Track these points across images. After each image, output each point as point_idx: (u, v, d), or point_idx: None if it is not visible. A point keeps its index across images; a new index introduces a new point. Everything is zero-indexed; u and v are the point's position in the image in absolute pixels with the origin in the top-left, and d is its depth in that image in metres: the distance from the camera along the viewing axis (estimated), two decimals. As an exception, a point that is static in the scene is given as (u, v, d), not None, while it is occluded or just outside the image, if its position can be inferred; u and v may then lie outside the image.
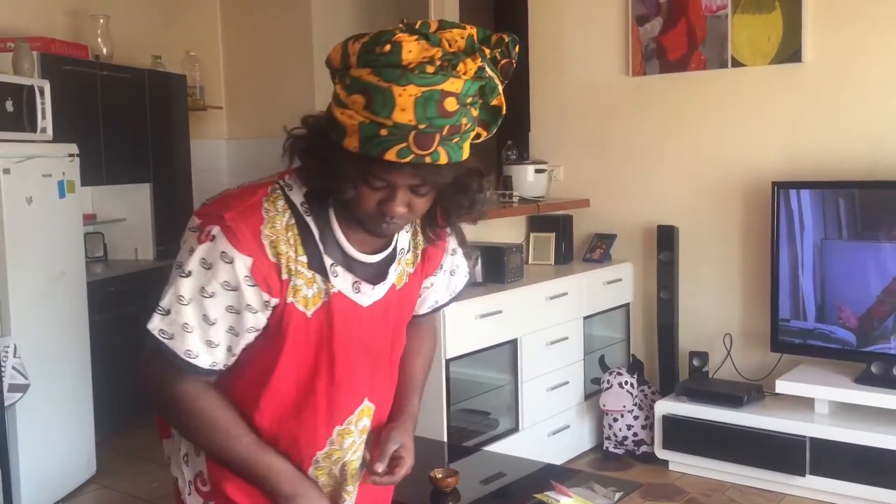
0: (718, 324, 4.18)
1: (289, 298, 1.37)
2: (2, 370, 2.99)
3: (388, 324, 1.52)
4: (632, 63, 4.33)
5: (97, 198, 4.75)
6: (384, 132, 1.22)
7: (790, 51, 3.90)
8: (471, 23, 1.39)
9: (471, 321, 3.47)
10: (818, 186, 3.74)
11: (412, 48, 1.21)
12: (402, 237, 1.50)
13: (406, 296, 1.54)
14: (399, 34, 1.22)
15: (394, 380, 1.60)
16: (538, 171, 4.48)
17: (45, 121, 3.74)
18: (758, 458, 3.63)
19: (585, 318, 4.13)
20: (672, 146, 4.30)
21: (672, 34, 4.20)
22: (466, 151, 1.32)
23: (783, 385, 3.67)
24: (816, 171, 3.84)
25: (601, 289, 4.23)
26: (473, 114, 1.29)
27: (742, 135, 4.10)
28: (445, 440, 3.34)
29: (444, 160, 1.27)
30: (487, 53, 1.29)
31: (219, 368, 1.38)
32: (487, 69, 1.28)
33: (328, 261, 1.39)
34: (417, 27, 1.25)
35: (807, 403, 3.64)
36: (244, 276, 1.33)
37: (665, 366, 4.21)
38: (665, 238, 4.20)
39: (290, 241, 1.36)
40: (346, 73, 1.26)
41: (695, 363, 4.05)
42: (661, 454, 3.90)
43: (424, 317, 1.69)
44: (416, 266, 1.54)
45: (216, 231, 1.33)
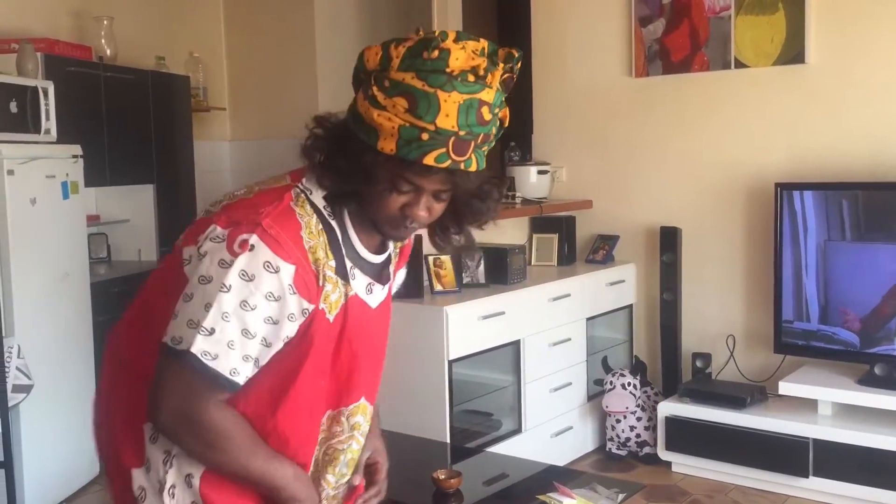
0: (721, 325, 4.17)
1: (321, 304, 1.34)
2: (5, 371, 3.00)
3: (385, 324, 1.54)
4: (635, 64, 4.33)
5: (101, 199, 4.75)
6: (426, 136, 1.24)
7: (793, 52, 3.90)
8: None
9: (474, 322, 3.47)
10: (822, 188, 3.73)
11: (459, 56, 1.24)
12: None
13: (390, 295, 1.57)
14: (446, 41, 1.24)
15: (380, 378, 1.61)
16: (541, 173, 4.48)
17: (49, 122, 3.75)
18: (761, 460, 3.63)
19: (588, 320, 4.13)
20: (675, 147, 4.29)
21: (675, 35, 4.20)
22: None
23: (786, 386, 3.66)
24: (820, 173, 3.83)
25: (604, 290, 4.23)
26: (497, 123, 1.33)
27: (745, 136, 4.10)
28: (448, 441, 3.34)
29: (474, 168, 1.30)
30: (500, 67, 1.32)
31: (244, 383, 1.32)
32: None
33: (348, 263, 1.39)
34: (453, 38, 1.26)
35: (810, 405, 3.64)
36: (288, 285, 1.28)
37: (668, 367, 4.21)
38: (668, 239, 4.20)
39: (322, 246, 1.34)
40: (385, 76, 1.26)
41: (698, 364, 4.04)
42: (664, 455, 3.89)
43: None
44: (394, 266, 1.56)
45: (254, 240, 1.27)
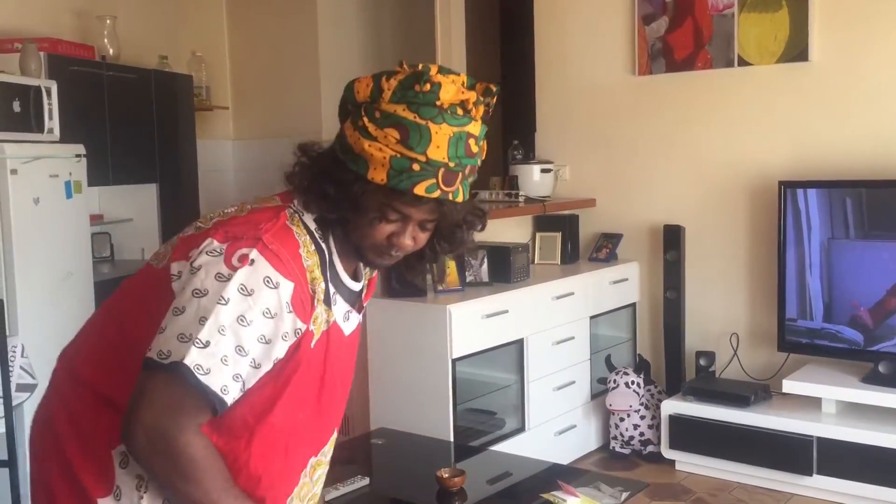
0: (725, 323, 4.17)
1: (311, 326, 1.33)
2: (9, 370, 3.00)
3: (354, 353, 1.52)
4: (638, 62, 4.32)
5: (104, 198, 4.75)
6: (416, 167, 1.27)
7: (797, 50, 3.89)
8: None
9: (477, 321, 3.46)
10: (825, 186, 3.73)
11: (449, 90, 1.28)
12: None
13: (360, 326, 1.54)
14: (437, 75, 1.28)
15: None
16: (544, 171, 4.47)
17: (52, 121, 3.75)
18: (765, 458, 3.63)
19: (592, 318, 4.12)
20: (678, 146, 4.29)
21: (678, 33, 4.20)
22: None
23: (790, 385, 3.66)
24: (823, 171, 3.83)
25: (607, 288, 4.22)
26: (482, 156, 1.36)
27: (749, 134, 4.09)
28: (452, 440, 3.34)
29: (461, 198, 1.34)
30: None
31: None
32: None
33: (331, 288, 1.38)
34: (436, 71, 1.29)
35: (814, 403, 3.63)
36: (286, 303, 1.27)
37: (671, 365, 4.20)
38: (671, 238, 4.20)
39: (317, 267, 1.34)
40: (376, 107, 1.29)
41: (701, 363, 4.04)
42: (668, 454, 3.89)
43: None
44: (363, 296, 1.56)
45: (255, 254, 1.25)
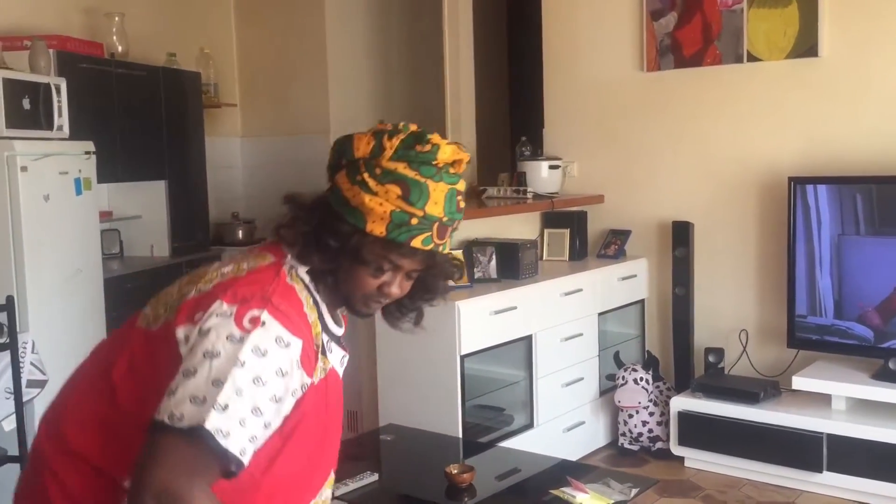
0: (734, 320, 4.16)
1: (314, 378, 1.37)
2: (20, 366, 3.02)
3: (341, 391, 1.54)
4: (646, 58, 4.31)
5: (113, 195, 4.77)
6: (415, 221, 1.35)
7: (806, 45, 3.88)
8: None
9: (485, 317, 3.46)
10: (835, 182, 3.71)
11: (446, 150, 1.38)
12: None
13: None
14: (435, 136, 1.39)
15: None
16: (552, 167, 4.47)
17: (62, 118, 3.76)
18: (774, 455, 3.62)
19: (600, 315, 4.12)
20: (687, 142, 4.28)
21: (687, 29, 4.18)
22: None
23: (800, 381, 3.65)
24: (833, 167, 3.81)
25: (616, 285, 4.21)
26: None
27: (758, 130, 4.07)
28: (460, 436, 3.34)
29: (448, 250, 1.44)
30: None
31: None
32: None
33: (325, 337, 1.42)
34: (414, 129, 1.40)
35: (824, 400, 3.62)
36: (296, 360, 1.30)
37: (680, 362, 4.20)
38: (680, 234, 4.19)
39: (317, 320, 1.39)
40: (376, 164, 1.36)
41: (710, 359, 4.03)
42: (677, 450, 3.88)
43: None
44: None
45: (265, 316, 1.28)
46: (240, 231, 5.24)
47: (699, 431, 3.80)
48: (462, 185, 1.41)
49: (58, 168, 3.64)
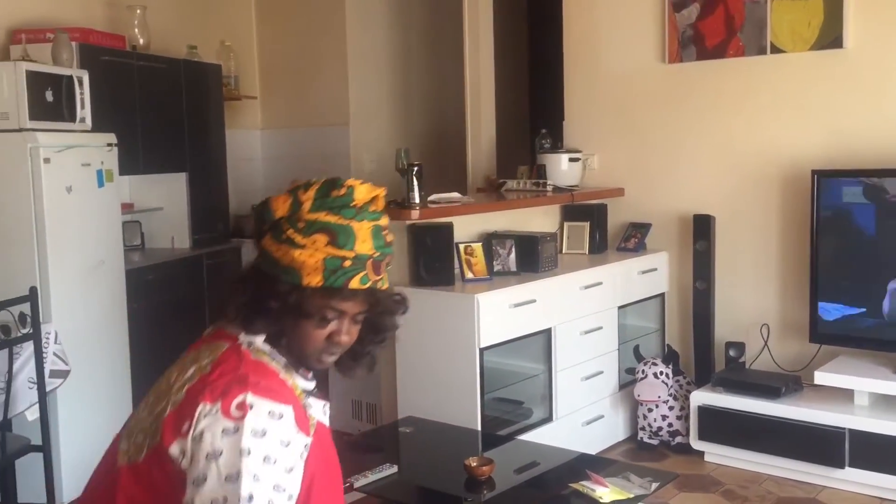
0: (755, 314, 4.13)
1: (311, 436, 1.40)
2: (43, 356, 3.05)
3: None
4: (668, 50, 4.28)
5: (134, 187, 4.80)
6: (348, 263, 1.38)
7: (831, 36, 3.83)
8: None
9: (504, 310, 3.46)
10: (859, 175, 3.66)
11: (361, 190, 1.42)
12: None
13: None
14: (348, 180, 1.42)
15: None
16: (572, 160, 4.45)
17: (84, 110, 3.79)
18: (796, 450, 3.59)
19: (620, 308, 4.10)
20: (709, 134, 4.24)
21: (710, 20, 4.14)
22: None
23: (822, 376, 3.62)
24: (857, 160, 3.76)
25: (636, 278, 4.19)
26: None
27: (781, 123, 4.03)
28: (479, 429, 3.34)
29: (386, 286, 1.46)
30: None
31: None
32: None
33: (303, 393, 1.45)
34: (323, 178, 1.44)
35: (846, 395, 3.59)
36: (293, 426, 1.34)
37: (700, 356, 4.17)
38: (701, 227, 4.16)
39: (296, 383, 1.43)
40: (297, 218, 1.40)
41: (731, 353, 4.00)
42: (697, 445, 3.86)
43: None
44: None
45: (250, 398, 1.31)
46: (259, 223, 5.25)
47: (720, 426, 3.78)
48: (385, 221, 1.45)
49: (80, 160, 3.66)
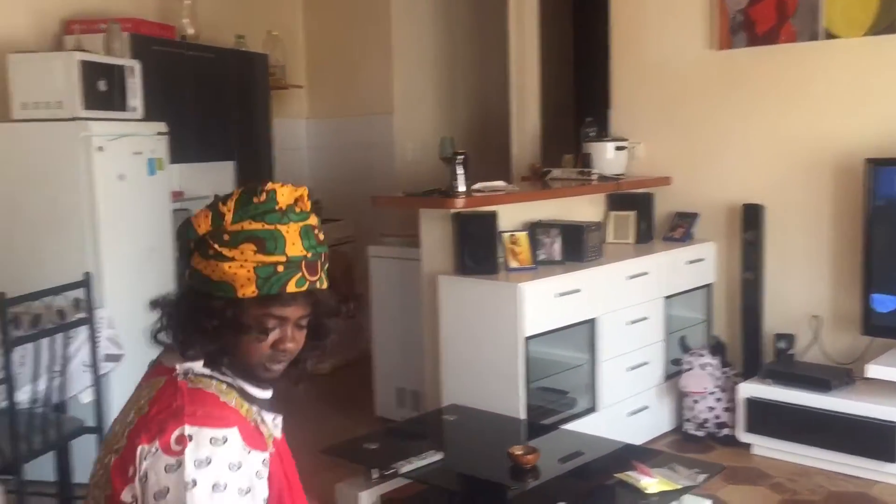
0: (806, 305, 4.05)
1: (270, 449, 1.39)
2: (97, 340, 3.12)
3: None
4: (718, 36, 4.21)
5: (183, 175, 4.86)
6: (280, 268, 1.35)
7: (888, 21, 3.73)
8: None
9: (549, 299, 3.45)
10: (916, 163, 3.58)
11: (283, 193, 1.39)
12: None
13: None
14: (270, 184, 1.39)
15: None
16: (618, 149, 4.40)
17: (136, 100, 3.85)
18: (846, 444, 3.53)
19: (666, 299, 4.06)
20: (759, 122, 4.17)
21: (761, 6, 4.06)
22: None
23: (874, 369, 3.54)
24: (914, 148, 3.68)
25: (683, 268, 4.15)
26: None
27: (834, 110, 3.94)
28: (524, 417, 3.34)
29: (325, 285, 1.42)
30: None
31: None
32: None
33: (254, 409, 1.43)
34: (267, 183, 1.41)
35: (899, 389, 3.52)
36: (241, 447, 1.32)
37: (748, 348, 4.11)
38: (751, 217, 4.09)
39: (241, 401, 1.40)
40: (221, 232, 1.37)
41: (781, 345, 3.94)
42: (744, 437, 3.82)
43: None
44: None
45: (188, 430, 1.29)
46: (306, 211, 5.30)
47: (768, 418, 3.73)
48: (314, 220, 1.41)
49: (132, 148, 3.73)
